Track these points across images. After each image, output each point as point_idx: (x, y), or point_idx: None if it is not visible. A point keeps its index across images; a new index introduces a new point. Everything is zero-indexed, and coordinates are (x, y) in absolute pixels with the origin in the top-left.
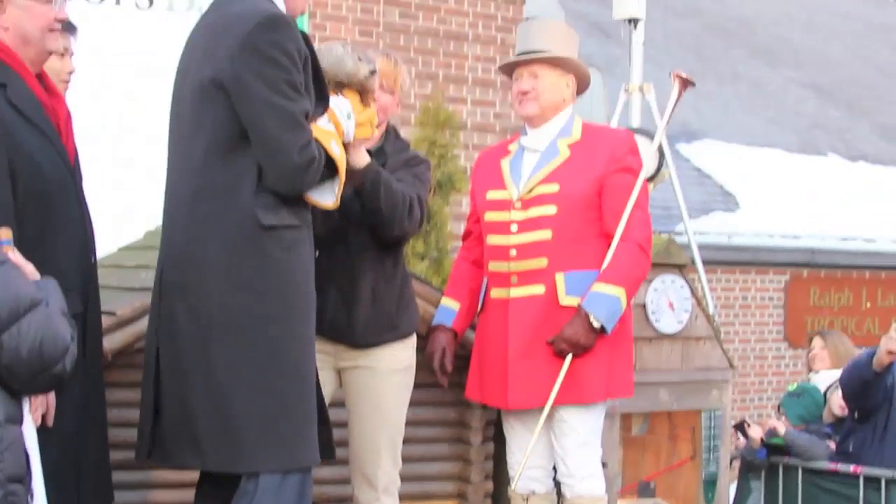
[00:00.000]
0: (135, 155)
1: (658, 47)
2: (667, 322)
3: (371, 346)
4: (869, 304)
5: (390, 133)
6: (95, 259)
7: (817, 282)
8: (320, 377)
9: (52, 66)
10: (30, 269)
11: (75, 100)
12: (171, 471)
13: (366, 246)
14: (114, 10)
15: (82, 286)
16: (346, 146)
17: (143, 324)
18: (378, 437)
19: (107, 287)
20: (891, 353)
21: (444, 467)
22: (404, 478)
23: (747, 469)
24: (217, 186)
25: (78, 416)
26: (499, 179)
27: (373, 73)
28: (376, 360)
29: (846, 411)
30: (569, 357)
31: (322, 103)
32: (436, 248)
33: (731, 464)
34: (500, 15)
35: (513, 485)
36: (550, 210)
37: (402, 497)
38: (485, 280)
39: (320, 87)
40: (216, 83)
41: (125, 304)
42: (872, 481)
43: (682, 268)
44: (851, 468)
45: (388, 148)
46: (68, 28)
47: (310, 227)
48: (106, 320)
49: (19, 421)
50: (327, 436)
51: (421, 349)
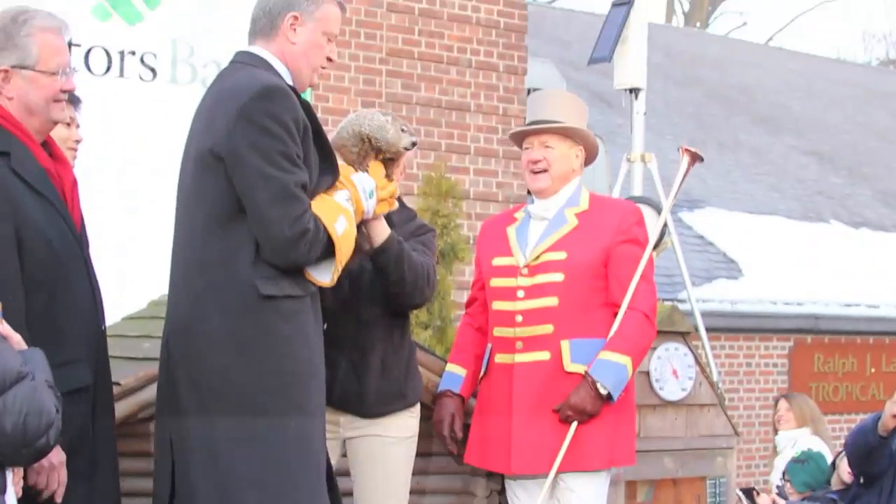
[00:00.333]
0: (138, 225)
1: (659, 116)
2: (671, 389)
3: (381, 415)
4: (873, 370)
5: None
6: (105, 328)
7: (821, 348)
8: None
9: (59, 134)
10: (16, 339)
11: (79, 170)
12: None
13: (375, 317)
14: (117, 82)
15: (91, 356)
16: (369, 220)
17: (146, 393)
18: None
19: (110, 357)
20: (895, 417)
21: None
22: None
23: None
24: (216, 257)
25: (87, 491)
26: (505, 246)
27: (413, 144)
28: (384, 428)
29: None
30: (574, 424)
31: (330, 174)
32: (439, 317)
33: None
34: (501, 86)
35: None
36: (557, 277)
37: None
38: (488, 346)
39: (327, 158)
40: (214, 154)
41: (129, 374)
42: None
43: (685, 335)
44: None
45: (395, 217)
46: (72, 100)
47: (314, 295)
48: None
49: (2, 491)
50: None
51: (426, 418)
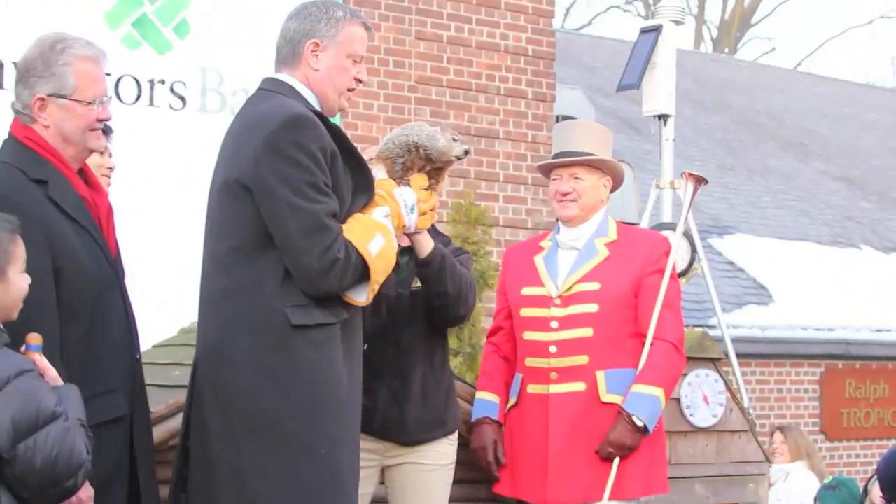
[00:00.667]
0: (168, 252)
1: (688, 142)
2: (702, 416)
3: (421, 443)
4: None
5: (433, 231)
6: (140, 356)
7: (852, 374)
8: (364, 475)
9: (92, 160)
10: (52, 374)
11: (110, 197)
12: None
13: (415, 343)
14: (147, 110)
15: (127, 386)
16: (413, 235)
17: (176, 421)
18: None
19: None
20: None
21: None
22: None
23: None
24: (244, 284)
25: None
26: (534, 276)
27: (466, 152)
28: (424, 456)
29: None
30: (616, 460)
31: (366, 193)
32: (469, 343)
33: None
34: (530, 113)
35: None
36: (592, 308)
37: None
38: (518, 375)
39: (362, 177)
40: (241, 184)
41: (159, 402)
42: None
43: (716, 361)
44: None
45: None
46: (105, 129)
47: (349, 321)
48: None
49: None
50: None
51: (461, 445)
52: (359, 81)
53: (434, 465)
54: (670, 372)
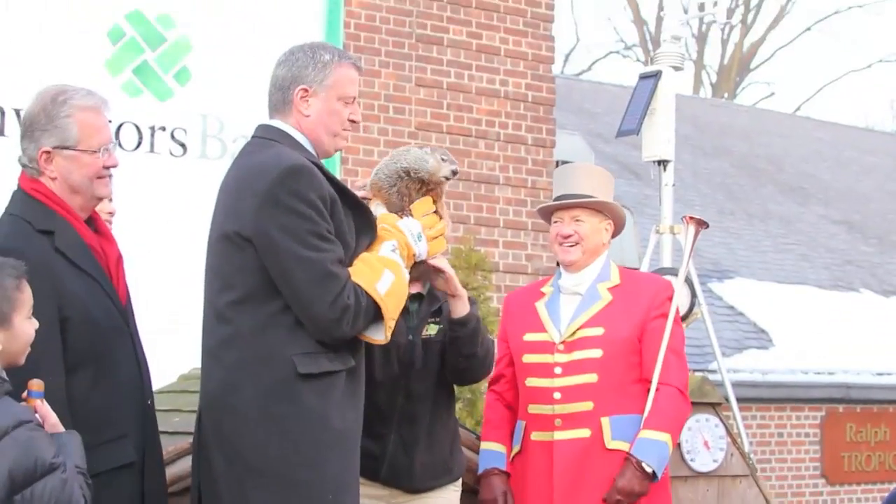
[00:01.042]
0: (167, 299)
1: (688, 187)
2: (702, 461)
3: (428, 489)
4: None
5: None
6: (152, 401)
7: (853, 417)
8: None
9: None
10: (52, 420)
11: None
12: None
13: (424, 391)
14: (148, 157)
15: (138, 431)
16: (452, 296)
17: (177, 467)
18: None
19: None
20: None
21: None
22: None
23: None
24: (247, 332)
25: None
26: (536, 322)
27: (454, 173)
28: (430, 503)
29: None
30: None
31: (368, 232)
32: (469, 389)
33: None
34: (530, 158)
35: None
36: (596, 353)
37: None
38: (520, 423)
39: (362, 215)
40: (242, 236)
41: None
42: None
43: (716, 406)
44: None
45: (437, 291)
46: None
47: (353, 366)
48: None
49: None
50: None
51: (465, 492)
52: (353, 122)
53: None
54: (677, 417)
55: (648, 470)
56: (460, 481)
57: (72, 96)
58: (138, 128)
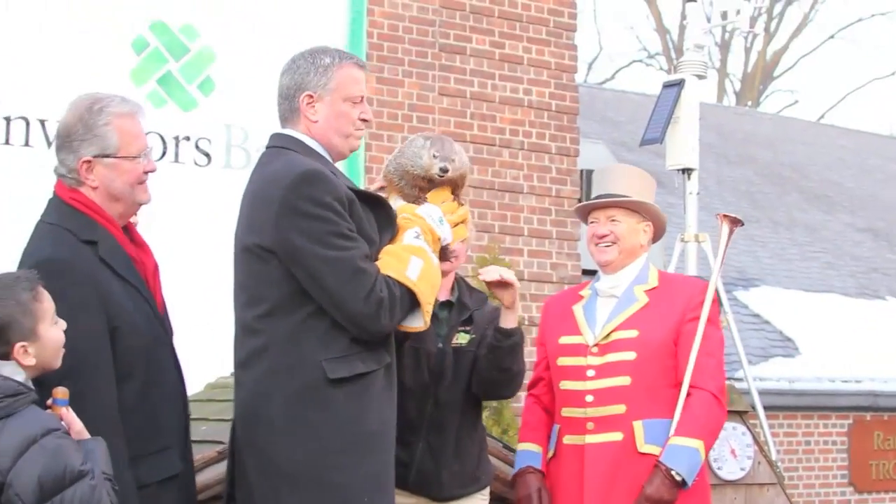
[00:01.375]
0: (194, 309)
1: (713, 195)
2: (729, 469)
3: (455, 498)
4: None
5: (462, 284)
6: (189, 413)
7: (881, 425)
8: None
9: None
10: (77, 427)
11: None
12: None
13: (454, 400)
14: (173, 167)
15: (181, 443)
16: (507, 308)
17: (204, 476)
18: None
19: None
20: None
21: None
22: None
23: None
24: (278, 343)
25: None
26: (572, 325)
27: (443, 171)
28: None
29: None
30: None
31: (390, 227)
32: None
33: None
34: (554, 167)
35: None
36: (629, 356)
37: None
38: (555, 427)
39: (382, 212)
40: (264, 248)
41: None
42: None
43: (743, 414)
44: None
45: (467, 300)
46: None
47: (387, 364)
48: None
49: None
50: None
51: (492, 501)
52: (364, 121)
53: None
54: (710, 423)
55: (678, 478)
56: (488, 490)
57: (108, 104)
58: (163, 138)
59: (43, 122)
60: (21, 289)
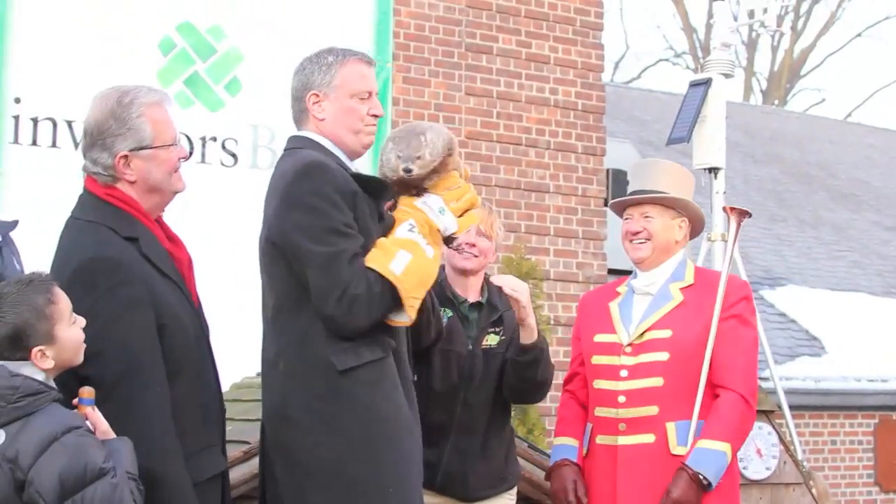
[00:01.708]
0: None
1: (739, 194)
2: (755, 468)
3: (482, 499)
4: None
5: (491, 285)
6: (224, 409)
7: None
8: None
9: None
10: (103, 427)
11: None
12: None
13: (483, 402)
14: (199, 167)
15: (221, 440)
16: (521, 324)
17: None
18: None
19: None
20: None
21: None
22: None
23: None
24: (290, 340)
25: None
26: (607, 322)
27: (407, 172)
28: None
29: None
30: None
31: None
32: None
33: None
34: (580, 167)
35: None
36: (662, 356)
37: None
38: (588, 425)
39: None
40: (271, 242)
41: None
42: None
43: (769, 414)
44: None
45: (496, 300)
46: None
47: (394, 350)
48: None
49: None
50: None
51: (520, 501)
52: (375, 116)
53: None
54: (738, 425)
55: (704, 482)
56: (515, 490)
57: (136, 96)
58: (189, 138)
59: (70, 123)
60: (35, 293)
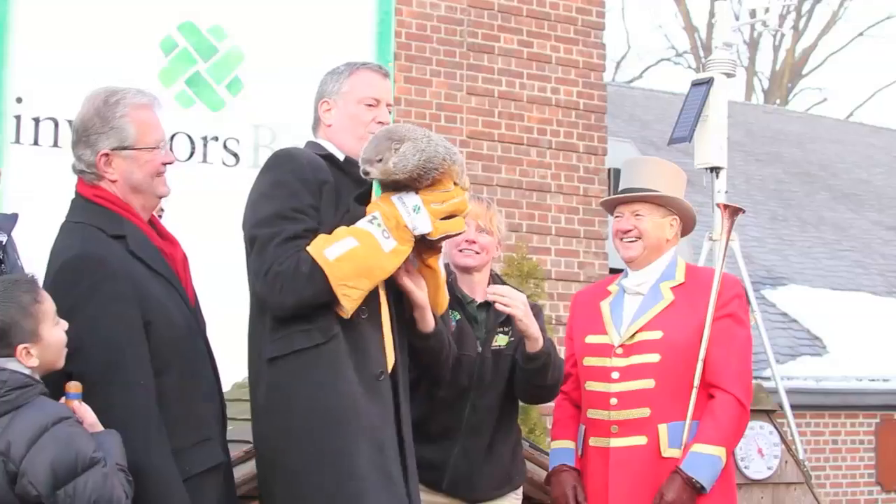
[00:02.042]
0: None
1: (741, 194)
2: (756, 468)
3: (489, 499)
4: None
5: (497, 281)
6: (224, 403)
7: None
8: None
9: None
10: (91, 419)
11: None
12: None
13: (491, 405)
14: (201, 167)
15: (220, 434)
16: (519, 329)
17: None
18: None
19: None
20: None
21: None
22: None
23: None
24: (253, 335)
25: None
26: (598, 323)
27: (365, 174)
28: None
29: None
30: None
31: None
32: None
33: None
34: (581, 166)
35: None
36: (653, 358)
37: None
38: (581, 427)
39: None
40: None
41: None
42: None
43: (770, 413)
44: None
45: None
46: None
47: (335, 333)
48: None
49: None
50: None
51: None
52: (380, 123)
53: None
54: (733, 428)
55: (698, 486)
56: (521, 490)
57: (124, 96)
58: (191, 138)
59: (71, 123)
60: (21, 291)
